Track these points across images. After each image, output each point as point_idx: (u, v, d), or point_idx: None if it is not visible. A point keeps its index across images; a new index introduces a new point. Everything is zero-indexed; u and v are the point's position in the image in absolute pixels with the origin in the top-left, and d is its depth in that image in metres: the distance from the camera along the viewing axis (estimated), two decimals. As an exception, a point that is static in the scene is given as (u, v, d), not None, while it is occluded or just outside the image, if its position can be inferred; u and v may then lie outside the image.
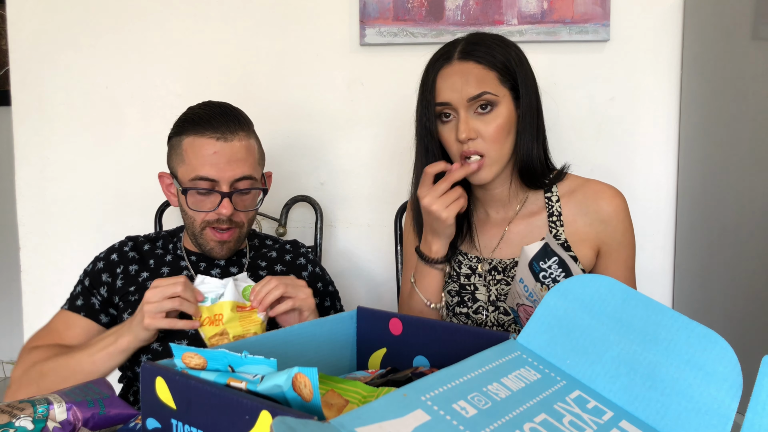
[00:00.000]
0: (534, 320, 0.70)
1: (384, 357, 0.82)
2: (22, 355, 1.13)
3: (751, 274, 1.32)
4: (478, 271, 1.15)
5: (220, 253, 1.17)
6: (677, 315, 0.63)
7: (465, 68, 1.06)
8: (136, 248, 1.23)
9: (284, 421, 0.43)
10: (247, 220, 1.18)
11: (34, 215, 1.73)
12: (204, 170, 1.10)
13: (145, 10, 1.68)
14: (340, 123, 1.69)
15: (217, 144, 1.10)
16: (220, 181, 1.10)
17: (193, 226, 1.16)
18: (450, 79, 1.06)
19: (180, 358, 0.59)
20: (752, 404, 0.56)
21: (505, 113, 1.06)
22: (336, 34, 1.66)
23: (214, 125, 1.11)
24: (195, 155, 1.11)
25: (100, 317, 1.17)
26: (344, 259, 1.73)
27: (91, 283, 1.19)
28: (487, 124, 1.06)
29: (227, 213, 1.11)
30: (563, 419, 0.57)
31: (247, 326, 0.97)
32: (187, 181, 1.12)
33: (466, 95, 1.05)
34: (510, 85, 1.07)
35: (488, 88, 1.05)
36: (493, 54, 1.06)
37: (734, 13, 1.40)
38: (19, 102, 1.71)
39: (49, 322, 1.19)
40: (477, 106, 1.05)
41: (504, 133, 1.06)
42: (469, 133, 1.05)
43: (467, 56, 1.06)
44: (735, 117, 1.40)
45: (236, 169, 1.11)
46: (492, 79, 1.06)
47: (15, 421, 0.69)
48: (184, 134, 1.13)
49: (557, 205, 1.13)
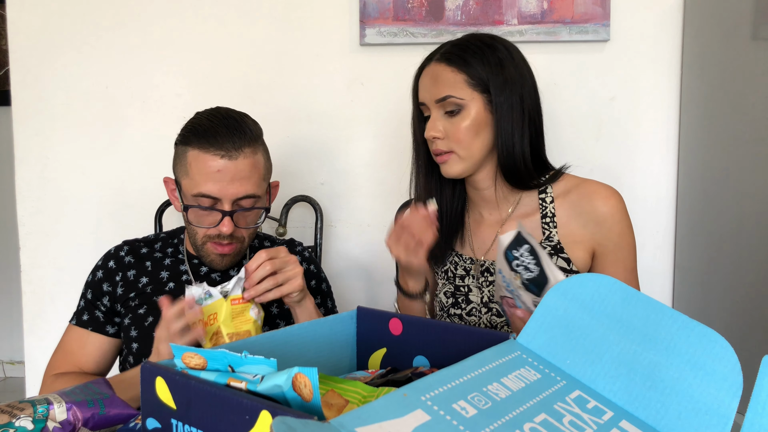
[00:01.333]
0: (534, 320, 0.70)
1: (384, 357, 0.82)
2: (46, 383, 1.14)
3: (752, 273, 1.32)
4: (472, 273, 1.16)
5: (220, 265, 1.17)
6: (677, 315, 0.63)
7: (436, 70, 1.09)
8: (132, 252, 1.22)
9: (284, 421, 0.43)
10: (248, 235, 1.17)
11: (34, 215, 1.73)
12: (207, 188, 1.08)
13: (145, 10, 1.68)
14: (340, 123, 1.69)
15: (221, 162, 1.08)
16: (222, 199, 1.09)
17: (195, 239, 1.16)
18: (424, 79, 1.11)
19: (180, 358, 0.59)
20: (752, 404, 0.56)
21: (472, 115, 1.07)
22: (336, 34, 1.66)
23: (220, 141, 1.08)
24: (198, 171, 1.09)
25: (106, 329, 1.18)
26: (344, 259, 1.73)
27: (94, 295, 1.19)
28: (453, 125, 1.08)
29: (227, 232, 1.10)
30: (563, 419, 0.57)
31: (239, 325, 0.96)
32: (190, 197, 1.11)
33: (433, 96, 1.08)
34: (482, 88, 1.07)
35: (453, 91, 1.07)
36: (465, 57, 1.07)
37: (734, 13, 1.40)
38: (19, 102, 1.71)
39: (62, 342, 1.19)
40: (445, 107, 1.08)
41: (470, 134, 1.07)
42: (435, 132, 1.08)
43: (441, 58, 1.09)
44: (735, 117, 1.40)
45: (239, 187, 1.09)
46: (460, 81, 1.07)
47: (15, 421, 0.69)
48: (189, 145, 1.11)
49: (551, 206, 1.12)
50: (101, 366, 1.19)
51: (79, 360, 1.16)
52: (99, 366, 1.18)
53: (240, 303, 0.97)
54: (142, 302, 1.16)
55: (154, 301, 1.15)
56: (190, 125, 1.14)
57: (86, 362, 1.17)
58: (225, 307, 0.96)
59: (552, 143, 1.63)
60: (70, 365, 1.16)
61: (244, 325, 0.96)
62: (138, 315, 1.15)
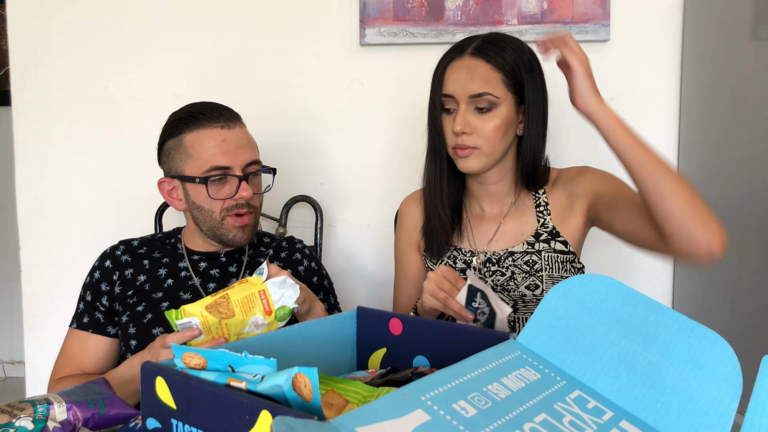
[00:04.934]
0: (534, 320, 0.70)
1: (384, 357, 0.82)
2: (50, 388, 1.14)
3: (752, 273, 1.33)
4: (474, 264, 1.17)
5: (242, 237, 1.17)
6: (677, 315, 0.63)
7: (473, 64, 1.08)
8: (129, 251, 1.22)
9: (284, 421, 0.43)
10: (259, 203, 1.20)
11: (34, 215, 1.73)
12: (216, 159, 1.11)
13: (145, 10, 1.68)
14: (340, 123, 1.69)
15: (223, 132, 1.12)
16: (233, 167, 1.12)
17: (212, 219, 1.15)
18: (457, 72, 1.09)
19: (180, 358, 0.59)
20: (752, 404, 0.56)
21: (503, 114, 1.08)
22: (336, 34, 1.66)
23: (214, 116, 1.13)
24: (203, 148, 1.12)
25: (107, 330, 1.18)
26: (344, 259, 1.73)
27: (93, 297, 1.19)
28: (484, 122, 1.08)
29: (248, 195, 1.12)
30: (563, 419, 0.57)
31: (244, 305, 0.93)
32: (201, 174, 1.12)
33: (468, 91, 1.07)
34: (514, 89, 1.09)
35: (491, 89, 1.07)
36: (504, 56, 1.08)
37: (734, 13, 1.40)
38: (19, 102, 1.71)
39: (63, 348, 1.19)
40: (477, 103, 1.08)
41: (500, 133, 1.09)
42: (464, 126, 1.08)
43: (478, 53, 1.09)
44: (735, 117, 1.40)
45: (246, 153, 1.13)
46: (497, 80, 1.08)
47: (15, 421, 0.69)
48: (183, 132, 1.13)
49: (543, 196, 1.18)
50: (103, 367, 1.19)
51: (81, 363, 1.16)
52: (101, 367, 1.18)
53: (262, 300, 0.93)
54: (140, 300, 1.16)
55: (152, 299, 1.15)
56: (173, 120, 1.16)
57: (88, 364, 1.17)
58: (254, 285, 0.93)
59: (552, 143, 1.63)
60: (73, 368, 1.16)
61: (239, 307, 0.92)
62: (136, 312, 1.15)
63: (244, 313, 0.92)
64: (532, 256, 1.14)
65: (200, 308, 0.91)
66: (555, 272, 1.13)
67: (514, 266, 1.14)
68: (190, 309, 0.91)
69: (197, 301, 0.92)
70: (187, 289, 1.17)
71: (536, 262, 1.13)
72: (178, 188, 1.18)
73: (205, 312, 0.91)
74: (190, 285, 1.18)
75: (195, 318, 0.91)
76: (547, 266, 1.13)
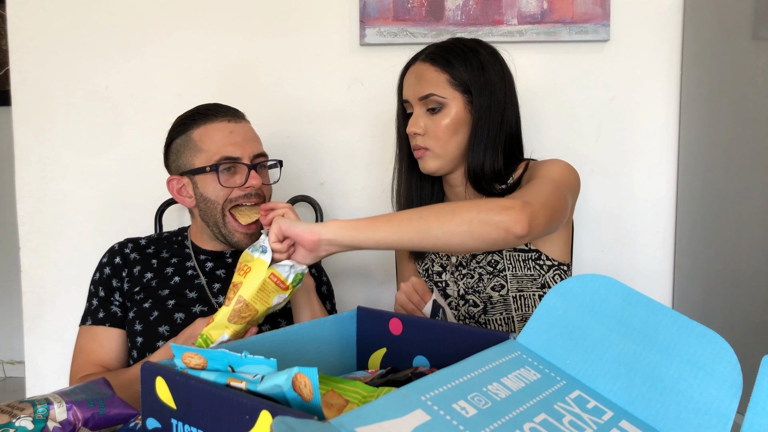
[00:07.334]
0: (534, 320, 0.70)
1: (384, 357, 0.82)
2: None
3: (752, 273, 1.32)
4: (449, 268, 1.19)
5: (247, 244, 1.17)
6: (677, 315, 0.63)
7: (421, 69, 1.13)
8: (137, 249, 1.23)
9: (284, 421, 0.43)
10: (268, 194, 1.21)
11: (34, 215, 1.73)
12: (226, 150, 1.13)
13: (145, 10, 1.68)
14: (340, 123, 1.69)
15: (231, 125, 1.16)
16: (242, 157, 1.14)
17: (216, 213, 1.16)
18: (410, 77, 1.15)
19: (180, 358, 0.59)
20: (752, 404, 0.56)
21: (452, 114, 1.11)
22: (336, 34, 1.66)
23: (221, 111, 1.17)
24: (212, 140, 1.14)
25: (124, 324, 1.18)
26: (344, 259, 1.73)
27: (106, 292, 1.19)
28: (435, 122, 1.12)
29: (257, 184, 1.15)
30: (563, 419, 0.57)
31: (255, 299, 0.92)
32: (211, 164, 1.14)
33: (417, 93, 1.13)
34: (463, 89, 1.11)
35: (436, 89, 1.11)
36: (449, 58, 1.11)
37: (734, 13, 1.40)
38: (19, 102, 1.71)
39: (78, 347, 1.18)
40: (427, 105, 1.12)
41: (449, 132, 1.11)
42: (416, 128, 1.12)
43: (427, 58, 1.14)
44: (735, 117, 1.40)
45: (254, 145, 1.17)
46: (443, 81, 1.11)
47: (15, 421, 0.69)
48: (191, 128, 1.16)
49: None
50: (124, 361, 1.18)
51: (102, 359, 1.15)
52: (122, 361, 1.18)
53: (275, 282, 0.94)
54: (147, 296, 1.16)
55: (159, 296, 1.16)
56: (181, 119, 1.19)
57: (109, 359, 1.16)
58: (261, 273, 0.93)
59: (552, 143, 1.64)
60: (93, 366, 1.15)
61: (259, 302, 0.93)
62: (143, 309, 1.15)
63: (265, 302, 0.93)
64: (494, 255, 1.15)
65: (223, 323, 0.92)
66: (518, 271, 1.13)
67: (480, 267, 1.16)
68: (214, 333, 0.92)
69: (215, 319, 0.92)
70: (193, 288, 1.18)
71: (498, 262, 1.14)
72: (187, 185, 1.18)
73: (230, 324, 0.92)
74: (197, 284, 1.19)
75: (225, 335, 0.92)
76: (509, 265, 1.14)
